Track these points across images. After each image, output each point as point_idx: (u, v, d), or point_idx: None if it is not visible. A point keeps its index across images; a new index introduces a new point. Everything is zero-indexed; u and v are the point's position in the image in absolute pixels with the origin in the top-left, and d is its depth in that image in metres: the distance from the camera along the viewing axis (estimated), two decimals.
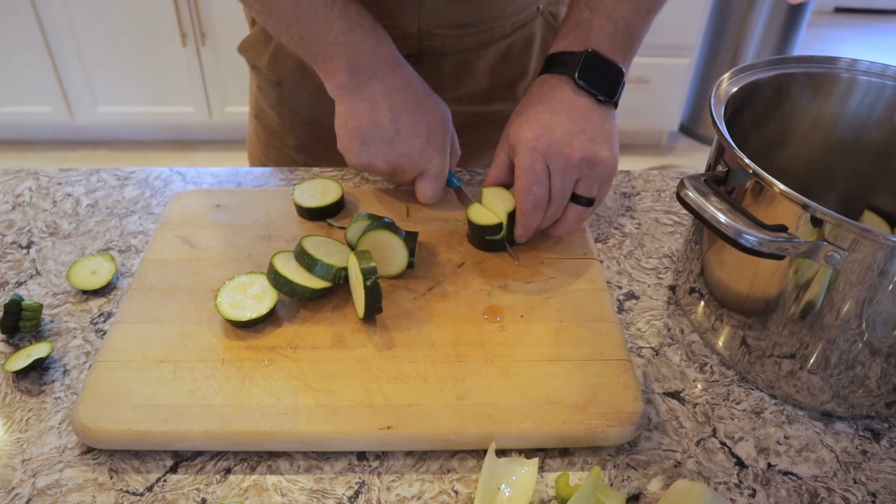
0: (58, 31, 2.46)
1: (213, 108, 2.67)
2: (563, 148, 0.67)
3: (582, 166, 0.68)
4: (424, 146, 0.73)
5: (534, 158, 0.67)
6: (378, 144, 0.72)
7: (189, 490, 0.54)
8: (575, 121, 0.68)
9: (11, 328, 0.65)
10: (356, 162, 0.74)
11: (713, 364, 0.66)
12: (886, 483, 0.56)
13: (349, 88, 0.71)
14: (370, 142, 0.72)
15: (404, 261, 0.69)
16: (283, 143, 0.99)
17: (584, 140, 0.67)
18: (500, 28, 0.88)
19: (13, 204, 0.83)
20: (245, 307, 0.63)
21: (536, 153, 0.67)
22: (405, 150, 0.72)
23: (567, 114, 0.69)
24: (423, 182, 0.76)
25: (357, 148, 0.73)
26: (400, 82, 0.72)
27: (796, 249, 0.51)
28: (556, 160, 0.67)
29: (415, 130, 0.72)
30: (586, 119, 0.69)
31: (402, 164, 0.73)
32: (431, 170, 0.75)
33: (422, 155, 0.73)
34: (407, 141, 0.72)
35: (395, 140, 0.72)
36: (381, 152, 0.72)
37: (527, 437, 0.56)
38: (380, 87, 0.71)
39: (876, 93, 0.68)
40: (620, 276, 0.75)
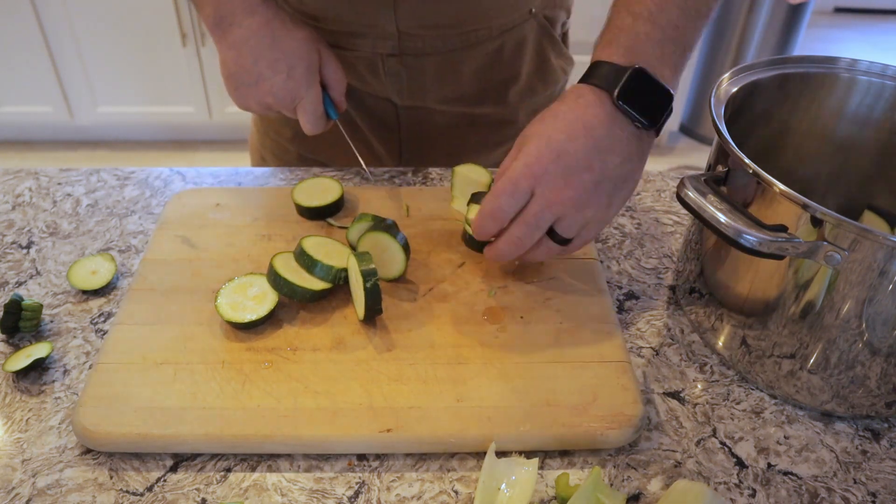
0: (58, 31, 2.46)
1: (213, 108, 2.67)
2: (558, 180, 0.60)
3: (569, 206, 0.60)
4: (286, 81, 0.75)
5: (523, 175, 0.60)
6: (247, 87, 0.77)
7: (189, 490, 0.54)
8: (589, 155, 0.60)
9: (11, 328, 0.65)
10: (237, 105, 0.79)
11: (713, 364, 0.66)
12: (886, 483, 0.56)
13: (217, 36, 0.76)
14: (240, 86, 0.77)
15: (402, 265, 0.68)
16: (279, 133, 0.99)
17: (586, 180, 0.60)
18: (484, 30, 0.87)
19: (13, 204, 0.83)
20: (245, 309, 0.63)
21: (529, 171, 0.60)
22: (269, 88, 0.76)
23: (585, 143, 0.60)
24: (299, 115, 0.79)
25: (233, 93, 0.78)
26: (257, 25, 0.75)
27: (796, 249, 0.51)
28: (544, 189, 0.60)
29: (274, 68, 0.75)
30: (604, 157, 0.60)
31: (270, 102, 0.77)
32: (303, 103, 0.77)
33: (286, 92, 0.76)
34: (268, 80, 0.75)
35: (258, 82, 0.76)
36: (251, 94, 0.77)
37: (526, 439, 0.56)
38: (240, 32, 0.75)
39: (876, 93, 0.68)
40: (620, 276, 0.75)
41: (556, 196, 0.60)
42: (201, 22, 2.72)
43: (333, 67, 0.80)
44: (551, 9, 0.92)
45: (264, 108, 0.78)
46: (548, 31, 0.93)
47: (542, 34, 0.93)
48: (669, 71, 0.62)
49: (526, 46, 0.92)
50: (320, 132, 0.81)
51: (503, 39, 0.89)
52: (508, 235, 0.63)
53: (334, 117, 0.82)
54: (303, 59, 0.76)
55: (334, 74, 0.80)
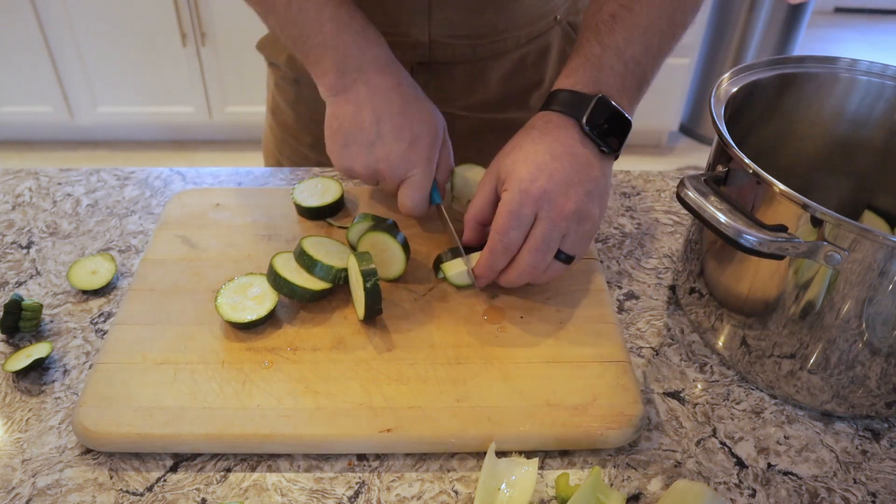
0: (58, 31, 2.46)
1: (213, 108, 2.67)
2: (558, 197, 0.61)
3: (571, 220, 0.62)
4: (406, 152, 0.69)
5: (522, 202, 0.61)
6: (359, 147, 0.70)
7: (189, 490, 0.54)
8: (576, 170, 0.63)
9: (11, 328, 0.65)
10: (337, 164, 0.72)
11: (713, 364, 0.66)
12: (886, 483, 0.56)
13: (336, 90, 0.70)
14: (351, 143, 0.70)
15: (401, 265, 0.68)
16: (298, 140, 0.99)
17: (580, 193, 0.62)
18: (513, 39, 0.87)
19: (13, 204, 0.83)
20: (245, 309, 0.63)
21: (528, 197, 0.61)
22: (385, 154, 0.69)
23: (569, 160, 0.63)
24: (403, 190, 0.72)
25: (339, 150, 0.71)
26: (387, 85, 0.70)
27: (796, 249, 0.51)
28: (548, 209, 0.62)
29: (397, 135, 0.69)
30: (587, 170, 0.63)
31: (381, 169, 0.70)
32: (413, 179, 0.71)
33: (402, 161, 0.70)
34: (387, 145, 0.69)
35: (375, 143, 0.69)
36: (361, 155, 0.70)
37: (526, 439, 0.56)
38: (365, 89, 0.69)
39: (876, 93, 0.68)
40: (620, 276, 0.75)
41: (559, 213, 0.62)
42: (201, 22, 2.69)
43: (448, 151, 0.75)
44: (574, 15, 0.94)
45: (371, 173, 0.71)
46: (571, 38, 0.94)
47: (566, 40, 0.94)
48: (627, 102, 0.67)
49: (550, 53, 0.92)
50: (419, 215, 0.73)
51: (529, 47, 0.90)
52: (521, 265, 0.64)
53: (438, 201, 0.74)
54: (430, 133, 0.70)
55: (447, 158, 0.74)
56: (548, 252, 0.63)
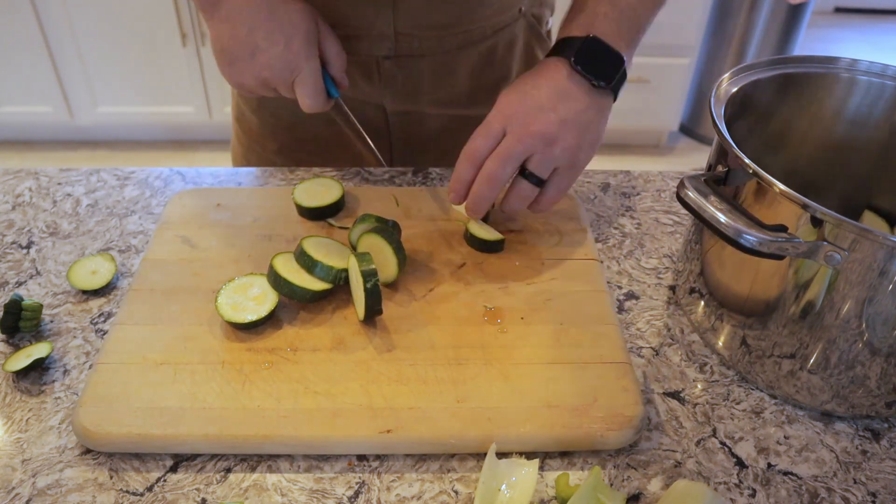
0: (58, 31, 2.46)
1: (213, 108, 2.67)
2: (526, 116, 0.66)
3: (537, 139, 0.66)
4: (283, 53, 0.71)
5: (494, 117, 0.68)
6: (242, 61, 0.72)
7: (189, 490, 0.54)
8: (552, 99, 0.67)
9: (11, 328, 0.65)
10: (230, 83, 0.75)
11: (713, 364, 0.66)
12: (886, 483, 0.56)
13: (208, 12, 0.72)
14: (235, 60, 0.73)
15: (394, 269, 0.68)
16: (264, 146, 0.98)
17: (552, 118, 0.66)
18: (479, 30, 0.87)
19: (13, 204, 0.83)
20: (245, 309, 0.63)
21: (500, 114, 0.68)
22: (265, 61, 0.72)
23: (550, 90, 0.68)
24: (297, 90, 0.74)
25: (227, 69, 0.74)
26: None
27: (796, 249, 0.51)
28: (514, 125, 0.66)
29: (271, 39, 0.71)
30: (566, 102, 0.67)
31: (267, 76, 0.73)
32: (301, 77, 0.73)
33: (282, 63, 0.72)
34: (265, 51, 0.71)
35: (255, 53, 0.72)
36: (246, 68, 0.73)
37: (526, 440, 0.56)
38: (233, 3, 0.71)
39: (876, 93, 0.68)
40: (620, 276, 0.75)
41: (524, 130, 0.66)
42: (201, 22, 2.70)
43: (332, 41, 0.76)
44: (538, 7, 0.93)
45: (261, 83, 0.74)
46: (535, 30, 0.94)
47: (531, 32, 0.94)
48: (624, 44, 0.70)
49: (516, 45, 0.92)
50: (320, 110, 0.77)
51: (496, 39, 0.89)
52: (483, 172, 0.68)
53: (335, 95, 0.77)
54: (301, 30, 0.72)
55: (333, 48, 0.76)
56: (508, 162, 0.67)
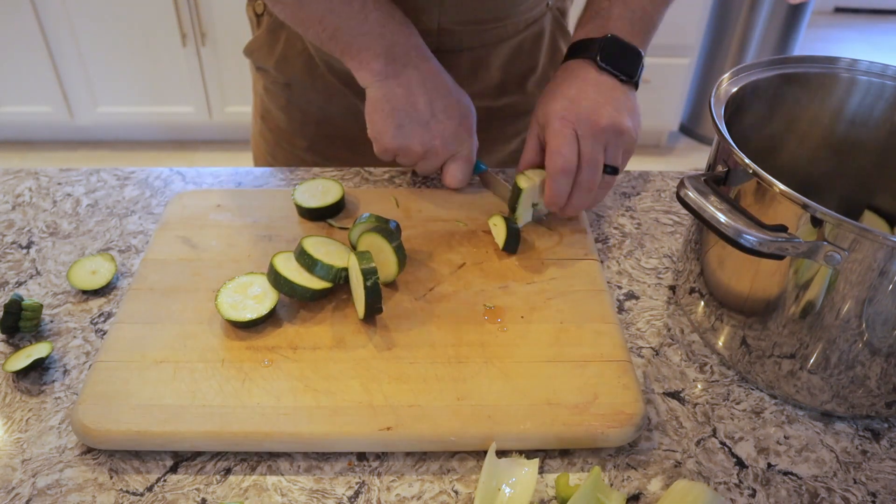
0: (58, 31, 2.46)
1: (213, 108, 2.67)
2: (591, 115, 0.70)
3: (609, 132, 0.71)
4: (457, 129, 0.77)
5: (563, 125, 0.71)
6: (414, 126, 0.76)
7: (189, 490, 0.54)
8: (600, 94, 0.72)
9: (11, 328, 0.65)
10: (391, 144, 0.77)
11: (713, 364, 0.66)
12: (886, 483, 0.56)
13: (385, 75, 0.74)
14: (406, 124, 0.75)
15: (394, 269, 0.68)
16: (293, 144, 0.99)
17: (610, 110, 0.71)
18: (513, 24, 0.90)
19: (13, 204, 0.83)
20: (245, 307, 0.63)
21: (566, 121, 0.71)
22: (440, 131, 0.76)
23: (593, 89, 0.72)
24: (453, 165, 0.79)
25: (393, 130, 0.76)
26: (431, 70, 0.76)
27: (796, 249, 0.51)
28: (585, 126, 0.70)
29: (448, 114, 0.76)
30: (611, 93, 0.72)
31: (437, 145, 0.77)
32: (462, 153, 0.79)
33: (454, 137, 0.77)
34: (441, 123, 0.76)
35: (430, 122, 0.76)
36: (417, 134, 0.76)
37: (527, 438, 0.56)
38: (415, 74, 0.75)
39: (876, 93, 0.68)
40: (620, 276, 0.75)
41: (596, 127, 0.70)
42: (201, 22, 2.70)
43: None
44: (561, 1, 0.97)
45: (424, 150, 0.77)
46: (560, 23, 0.97)
47: (556, 25, 0.97)
48: (639, 41, 0.76)
49: (543, 38, 0.95)
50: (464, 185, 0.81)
51: (526, 33, 0.92)
52: (581, 183, 0.72)
53: (484, 168, 0.83)
54: (472, 112, 0.79)
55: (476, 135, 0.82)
56: (598, 165, 0.72)
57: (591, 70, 0.74)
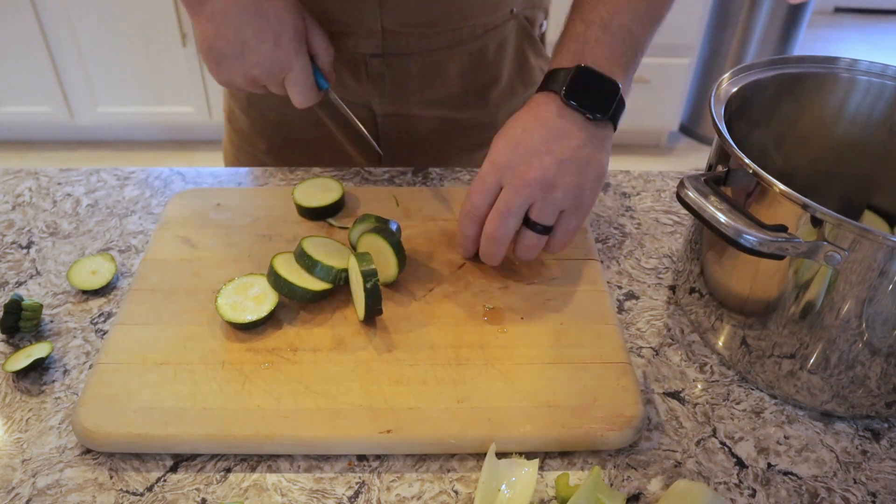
0: (58, 31, 2.46)
1: (213, 108, 2.67)
2: (520, 165, 0.64)
3: (535, 188, 0.63)
4: (273, 50, 0.71)
5: (488, 170, 0.66)
6: (231, 60, 0.72)
7: (189, 490, 0.54)
8: (546, 140, 0.64)
9: (11, 328, 0.65)
10: (219, 81, 0.74)
11: (713, 364, 0.66)
12: (886, 483, 0.56)
13: (193, 9, 0.71)
14: (223, 59, 0.72)
15: (394, 269, 0.68)
16: (254, 146, 0.98)
17: (547, 161, 0.63)
18: (468, 29, 0.86)
19: (13, 204, 0.83)
20: (245, 309, 0.63)
21: (493, 165, 0.65)
22: (255, 60, 0.71)
23: (541, 132, 0.65)
24: (288, 87, 0.74)
25: (215, 68, 0.73)
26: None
27: (796, 249, 0.51)
28: (510, 177, 0.64)
29: (259, 36, 0.70)
30: (560, 141, 0.64)
31: (257, 74, 0.72)
32: (292, 74, 0.73)
33: (273, 60, 0.72)
34: (255, 49, 0.71)
35: (244, 51, 0.71)
36: (236, 67, 0.72)
37: (526, 440, 0.56)
38: (218, 3, 0.70)
39: (876, 93, 0.68)
40: (620, 276, 0.75)
41: (520, 180, 0.64)
42: None
43: (319, 34, 0.76)
44: (531, 9, 0.93)
45: (250, 81, 0.73)
46: (528, 32, 0.93)
47: (523, 35, 0.93)
48: (620, 69, 0.67)
49: (507, 47, 0.92)
50: (312, 104, 0.77)
51: (486, 40, 0.89)
52: (485, 232, 0.67)
53: (325, 87, 0.77)
54: (289, 26, 0.72)
55: (321, 42, 0.76)
56: (509, 217, 0.65)
57: (552, 106, 0.65)
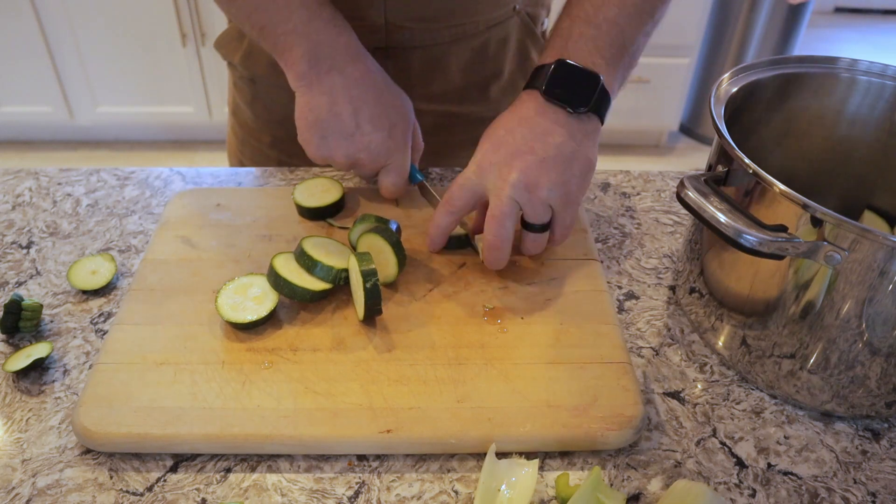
0: (58, 31, 2.46)
1: (213, 108, 2.67)
2: (502, 168, 0.64)
3: (519, 188, 0.63)
4: (385, 140, 0.72)
5: (472, 170, 0.66)
6: (338, 138, 0.71)
7: (189, 490, 0.54)
8: (528, 139, 0.64)
9: (11, 328, 0.65)
10: (315, 155, 0.74)
11: (713, 364, 0.66)
12: (886, 483, 0.56)
13: (309, 79, 0.70)
14: (330, 135, 0.72)
15: (394, 269, 0.68)
16: (259, 140, 0.98)
17: (528, 161, 0.63)
18: (471, 24, 0.87)
19: (13, 204, 0.83)
20: (245, 309, 0.63)
21: (477, 167, 0.66)
22: (365, 144, 0.72)
23: (524, 130, 0.65)
24: (385, 177, 0.75)
25: (316, 141, 0.72)
26: (360, 74, 0.71)
27: (796, 249, 0.51)
28: (493, 180, 0.64)
29: (375, 124, 0.71)
30: (542, 139, 0.64)
31: (362, 158, 0.73)
32: (393, 164, 0.74)
33: (382, 149, 0.72)
34: (367, 135, 0.71)
35: (355, 134, 0.71)
36: (341, 146, 0.72)
37: (526, 440, 0.56)
38: (340, 79, 0.70)
39: (876, 93, 0.68)
40: (620, 276, 0.75)
41: (503, 182, 0.64)
42: (201, 22, 2.69)
43: (418, 132, 0.78)
44: (533, 6, 0.93)
45: (351, 162, 0.73)
46: (530, 29, 0.94)
47: (525, 31, 0.93)
48: (603, 62, 0.66)
49: (509, 43, 0.92)
50: (399, 195, 0.78)
51: (488, 35, 0.89)
52: (486, 241, 0.66)
53: (420, 179, 0.78)
54: (405, 120, 0.74)
55: (418, 138, 0.78)
56: (504, 221, 0.64)
57: (534, 103, 0.66)
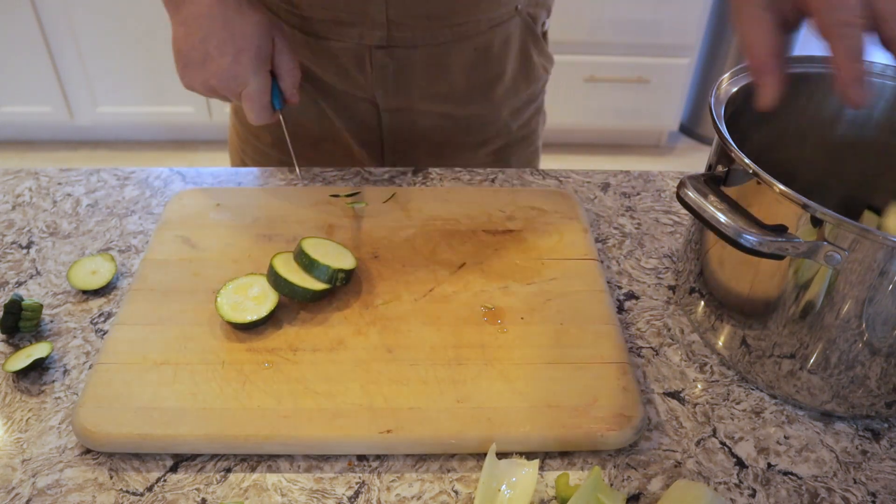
0: (58, 31, 2.46)
1: (213, 108, 2.67)
2: None
3: None
4: (231, 65, 0.72)
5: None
6: (193, 66, 0.73)
7: (189, 490, 0.54)
8: None
9: (11, 328, 0.65)
10: (183, 84, 0.75)
11: (713, 364, 0.66)
12: (886, 483, 0.56)
13: (171, 10, 0.73)
14: (187, 64, 0.73)
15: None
16: (259, 139, 0.98)
17: None
18: (473, 24, 0.87)
19: (13, 204, 0.83)
20: (245, 309, 0.63)
21: None
22: (214, 70, 0.73)
23: None
24: (243, 102, 0.76)
25: (180, 71, 0.74)
26: (211, 1, 0.72)
27: (796, 249, 0.51)
28: None
29: (221, 50, 0.72)
30: None
31: (215, 84, 0.74)
32: (248, 90, 0.74)
33: (230, 75, 0.73)
34: (215, 61, 0.72)
35: (205, 61, 0.72)
36: (196, 74, 0.74)
37: (526, 440, 0.56)
38: (193, 9, 0.72)
39: (876, 93, 0.68)
40: (620, 276, 0.75)
41: None
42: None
43: (286, 57, 0.77)
44: (535, 7, 0.93)
45: (209, 90, 0.75)
46: (531, 29, 0.94)
47: (527, 32, 0.93)
48: None
49: (511, 44, 0.92)
50: (264, 123, 0.78)
51: (491, 36, 0.89)
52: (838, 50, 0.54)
53: (278, 107, 0.78)
54: (252, 44, 0.73)
55: (287, 64, 0.77)
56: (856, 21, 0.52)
57: None
